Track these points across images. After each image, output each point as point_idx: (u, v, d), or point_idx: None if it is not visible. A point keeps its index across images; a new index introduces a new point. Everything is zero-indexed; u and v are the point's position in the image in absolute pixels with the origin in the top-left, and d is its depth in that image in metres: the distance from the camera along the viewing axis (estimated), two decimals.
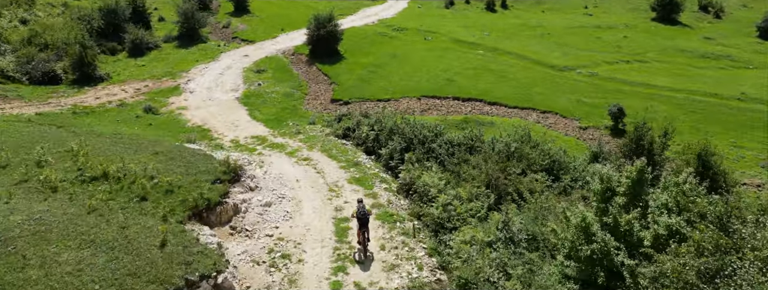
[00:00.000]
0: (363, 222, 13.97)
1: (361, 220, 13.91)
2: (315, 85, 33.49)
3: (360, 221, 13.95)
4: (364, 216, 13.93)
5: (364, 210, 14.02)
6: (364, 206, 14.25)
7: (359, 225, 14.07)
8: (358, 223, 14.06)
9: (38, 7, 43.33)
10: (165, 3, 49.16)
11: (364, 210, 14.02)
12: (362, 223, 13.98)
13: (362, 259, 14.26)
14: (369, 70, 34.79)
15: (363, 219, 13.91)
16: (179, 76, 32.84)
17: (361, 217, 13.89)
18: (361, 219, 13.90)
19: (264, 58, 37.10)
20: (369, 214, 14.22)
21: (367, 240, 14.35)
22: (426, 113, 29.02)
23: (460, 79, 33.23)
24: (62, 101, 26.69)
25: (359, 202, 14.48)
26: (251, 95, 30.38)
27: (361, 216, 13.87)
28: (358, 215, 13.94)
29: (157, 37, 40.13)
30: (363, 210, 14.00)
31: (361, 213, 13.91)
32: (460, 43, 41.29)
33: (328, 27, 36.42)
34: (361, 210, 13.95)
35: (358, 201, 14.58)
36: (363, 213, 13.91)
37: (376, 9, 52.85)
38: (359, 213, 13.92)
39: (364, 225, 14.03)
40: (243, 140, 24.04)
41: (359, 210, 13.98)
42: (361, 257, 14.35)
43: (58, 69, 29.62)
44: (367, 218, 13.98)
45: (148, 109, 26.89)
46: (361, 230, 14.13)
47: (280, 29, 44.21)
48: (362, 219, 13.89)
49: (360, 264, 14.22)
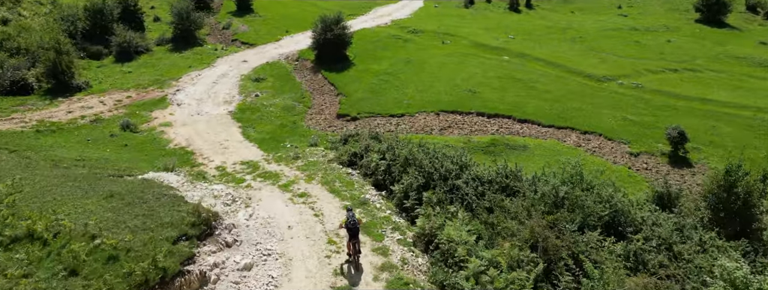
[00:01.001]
0: (354, 233, 13.32)
1: (352, 231, 13.29)
2: (319, 96, 29.66)
3: (350, 232, 13.31)
4: (355, 226, 13.29)
5: (354, 220, 13.34)
6: (353, 215, 13.52)
7: (350, 236, 13.40)
8: (349, 234, 13.41)
9: (24, 5, 40.21)
10: (163, 2, 45.76)
11: (354, 220, 13.34)
12: (353, 234, 13.33)
13: (353, 273, 13.43)
14: (381, 79, 30.88)
15: (353, 230, 13.28)
16: (168, 84, 29.27)
17: (352, 228, 13.25)
18: (351, 229, 13.27)
19: (264, 65, 33.38)
20: (359, 224, 13.60)
21: (358, 252, 13.65)
22: (446, 132, 25.06)
23: (484, 90, 29.17)
24: (28, 116, 23.24)
25: (349, 211, 13.74)
26: (246, 109, 26.67)
27: (352, 226, 13.25)
28: (348, 225, 13.29)
29: (150, 39, 36.65)
30: (353, 220, 13.32)
31: (351, 223, 13.26)
32: (482, 47, 37.17)
33: (335, 30, 32.56)
34: (351, 220, 13.30)
35: (348, 210, 13.81)
36: (353, 224, 13.27)
37: (389, 8, 48.86)
38: (349, 224, 13.27)
39: (354, 236, 13.37)
40: (231, 167, 20.31)
41: (349, 220, 13.33)
42: (352, 270, 13.52)
43: (31, 77, 26.20)
44: (357, 228, 13.36)
45: (126, 125, 23.32)
46: (352, 241, 13.48)
47: (284, 31, 40.48)
48: (353, 229, 13.26)
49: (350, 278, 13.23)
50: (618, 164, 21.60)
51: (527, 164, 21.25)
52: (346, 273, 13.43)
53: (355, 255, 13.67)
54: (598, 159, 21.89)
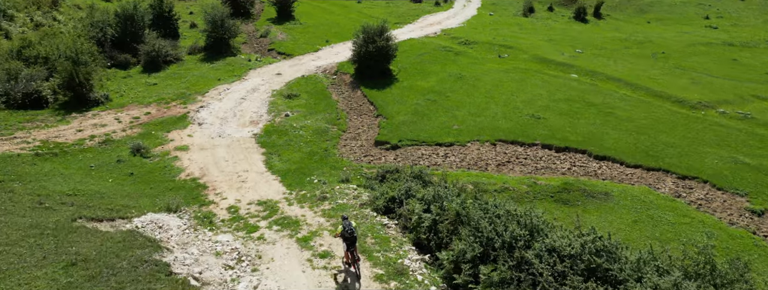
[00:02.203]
0: (351, 242, 12.89)
1: (349, 240, 12.87)
2: (357, 117, 26.04)
3: (348, 240, 12.89)
4: (352, 234, 12.87)
5: (351, 228, 12.91)
6: (350, 223, 13.06)
7: (347, 245, 12.93)
8: (346, 243, 12.96)
9: (62, 9, 39.17)
10: (204, 6, 43.86)
11: (351, 228, 12.91)
12: (351, 242, 12.88)
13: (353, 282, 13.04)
14: (427, 99, 26.94)
15: (351, 239, 12.87)
16: (192, 99, 26.55)
17: (349, 236, 12.85)
18: (349, 238, 12.86)
19: (299, 79, 30.19)
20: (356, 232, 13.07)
21: (357, 260, 13.14)
22: (504, 169, 20.76)
23: (550, 116, 24.64)
24: (33, 134, 20.92)
25: (344, 219, 13.27)
26: (274, 131, 23.42)
27: (349, 234, 12.85)
28: (346, 234, 12.87)
29: (182, 48, 34.40)
30: (350, 228, 12.89)
31: (348, 231, 12.86)
32: (546, 62, 32.49)
33: (378, 42, 28.95)
34: (349, 228, 12.89)
35: (344, 219, 13.31)
36: (351, 232, 12.86)
37: (439, 17, 44.87)
38: (347, 232, 12.88)
39: (352, 245, 12.90)
40: (245, 208, 16.95)
41: (346, 228, 12.92)
42: (348, 279, 13.12)
43: (46, 89, 24.09)
44: (355, 237, 12.97)
45: (137, 149, 20.54)
46: (349, 250, 13.00)
47: (324, 40, 37.34)
48: (350, 238, 12.86)
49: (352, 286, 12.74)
50: (736, 226, 16.59)
51: (611, 220, 16.70)
52: (346, 283, 12.85)
53: (354, 264, 13.13)
54: (706, 216, 16.95)
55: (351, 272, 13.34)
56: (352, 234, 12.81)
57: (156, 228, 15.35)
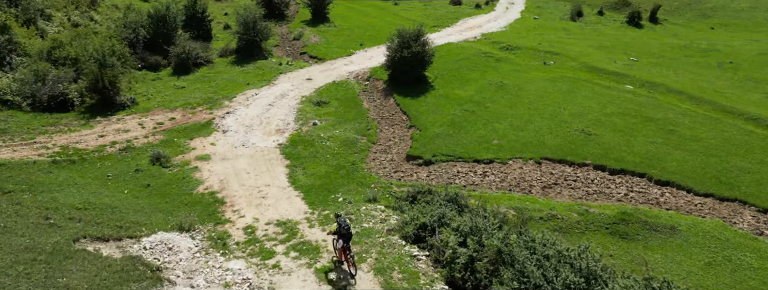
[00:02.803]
0: (348, 237, 12.78)
1: (346, 236, 12.73)
2: (388, 128, 24.36)
3: (344, 238, 12.73)
4: (349, 230, 12.77)
5: (347, 225, 12.77)
6: (346, 220, 12.95)
7: (343, 241, 12.77)
8: (341, 240, 12.79)
9: (101, 9, 39.32)
10: (238, 8, 43.31)
11: (347, 225, 12.77)
12: (346, 240, 12.76)
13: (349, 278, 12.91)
14: (465, 109, 24.97)
15: (348, 234, 12.76)
16: (219, 105, 25.56)
17: (346, 232, 12.71)
18: (344, 235, 12.72)
19: (330, 85, 28.80)
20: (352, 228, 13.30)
21: (353, 257, 13.01)
22: (551, 192, 18.59)
23: (602, 132, 22.24)
24: (54, 139, 20.30)
25: (338, 217, 13.19)
26: (300, 141, 22.03)
27: (346, 231, 12.70)
28: (342, 231, 12.70)
29: (214, 50, 33.70)
30: (347, 225, 12.76)
31: (345, 228, 12.71)
32: (597, 71, 29.88)
33: (414, 47, 27.19)
34: (345, 225, 12.72)
35: (337, 216, 13.22)
36: (347, 228, 12.73)
37: (479, 19, 42.65)
38: (343, 229, 12.71)
39: (347, 242, 12.77)
40: (262, 229, 15.54)
41: (342, 225, 12.75)
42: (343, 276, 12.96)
43: (73, 91, 23.59)
44: (351, 234, 12.87)
45: (157, 158, 19.56)
46: (345, 246, 12.82)
47: (358, 44, 35.89)
48: (347, 234, 12.74)
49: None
50: None
51: (680, 260, 14.35)
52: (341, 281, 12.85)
53: (348, 261, 13.04)
54: None
55: (343, 269, 13.32)
56: (348, 231, 12.80)
57: (165, 249, 14.14)
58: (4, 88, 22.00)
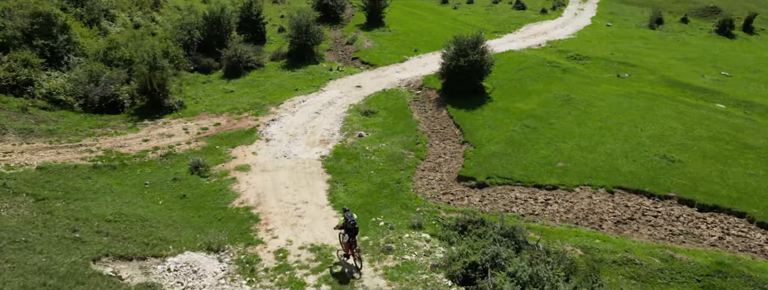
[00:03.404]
0: (353, 232, 12.92)
1: (352, 231, 12.88)
2: (439, 142, 22.49)
3: (350, 232, 12.90)
4: (354, 225, 12.91)
5: (353, 219, 12.94)
6: (352, 215, 13.06)
7: (349, 236, 12.93)
8: (348, 234, 12.94)
9: (163, 10, 40.14)
10: (292, 11, 42.95)
11: (353, 219, 12.94)
12: (352, 234, 12.92)
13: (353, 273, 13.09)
14: (526, 125, 22.64)
15: (353, 229, 12.89)
16: (265, 111, 24.74)
17: (352, 227, 12.86)
18: (350, 230, 12.86)
19: (379, 93, 27.32)
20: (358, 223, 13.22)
21: (359, 250, 13.27)
22: (626, 229, 16.03)
23: (689, 158, 19.27)
24: (100, 142, 20.11)
25: (346, 211, 13.19)
26: (344, 154, 20.66)
27: (352, 225, 12.85)
28: (349, 225, 12.86)
29: (266, 53, 33.22)
30: (353, 220, 12.92)
31: (351, 223, 12.86)
32: (680, 87, 26.49)
33: (471, 55, 25.15)
34: (351, 220, 12.89)
35: (345, 211, 13.21)
36: (353, 223, 12.88)
37: (545, 26, 39.72)
38: (350, 223, 12.87)
39: (353, 236, 12.94)
40: (295, 254, 14.23)
41: (349, 219, 12.90)
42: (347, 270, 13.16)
43: (124, 93, 23.56)
44: (357, 228, 13.00)
45: (196, 166, 18.84)
46: (351, 240, 12.96)
47: (412, 50, 34.23)
48: (353, 229, 12.88)
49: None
50: None
51: None
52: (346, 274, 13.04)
53: (354, 255, 13.21)
54: None
55: (349, 263, 13.47)
56: (354, 226, 12.96)
57: (190, 272, 13.13)
58: (58, 87, 22.22)
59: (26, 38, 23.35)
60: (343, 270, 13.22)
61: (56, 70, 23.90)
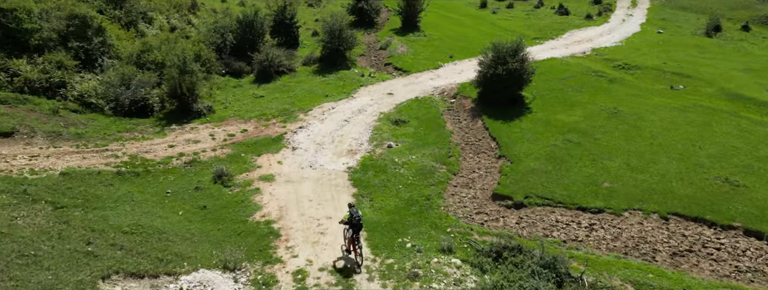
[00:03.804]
0: (357, 229, 13.22)
1: (356, 226, 13.17)
2: (473, 156, 21.16)
3: (354, 228, 13.18)
4: (359, 221, 13.20)
5: (359, 216, 13.21)
6: (357, 211, 13.39)
7: (353, 231, 13.22)
8: (352, 230, 13.23)
9: (200, 12, 40.39)
10: (326, 15, 42.46)
11: (359, 216, 13.21)
12: (356, 230, 13.21)
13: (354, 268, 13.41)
14: (568, 140, 21.03)
15: (358, 225, 13.18)
16: (293, 117, 24.06)
17: (357, 223, 13.15)
18: (356, 224, 13.14)
19: (411, 101, 26.20)
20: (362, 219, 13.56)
21: (360, 247, 13.51)
22: (683, 261, 14.34)
23: (754, 182, 17.29)
24: (126, 147, 19.84)
25: (351, 207, 13.57)
26: (371, 166, 19.65)
27: (357, 221, 13.14)
28: (353, 221, 13.14)
29: (298, 57, 32.71)
30: (358, 216, 13.18)
31: (356, 219, 13.14)
32: (742, 101, 24.19)
33: (510, 63, 23.71)
34: (356, 216, 13.17)
35: (350, 206, 13.59)
36: (358, 218, 13.18)
37: (590, 32, 37.63)
38: (355, 219, 13.15)
39: (357, 232, 13.22)
40: (314, 277, 13.31)
41: (354, 215, 13.19)
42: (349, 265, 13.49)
43: (154, 96, 23.37)
44: (361, 224, 13.30)
45: (220, 175, 18.25)
46: (355, 236, 13.25)
47: (448, 56, 32.97)
48: (358, 224, 13.17)
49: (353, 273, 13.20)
50: None
51: None
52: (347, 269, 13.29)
53: (355, 251, 13.46)
54: None
55: (351, 258, 13.76)
56: (359, 221, 13.18)
57: None
58: (89, 90, 22.20)
59: (62, 40, 23.52)
60: (345, 265, 13.61)
61: (90, 72, 23.98)
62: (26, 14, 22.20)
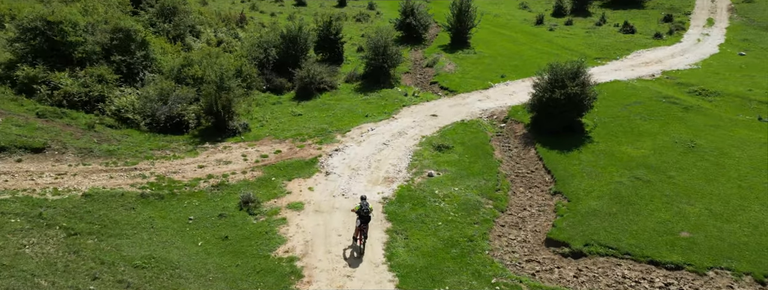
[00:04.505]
0: (365, 220, 14.12)
1: (364, 217, 14.10)
2: (524, 191, 18.91)
3: (362, 219, 14.10)
4: (367, 214, 14.08)
5: (367, 207, 14.15)
6: (367, 204, 14.29)
7: (361, 221, 14.15)
8: (360, 220, 14.18)
9: (249, 26, 40.41)
10: (371, 31, 41.39)
11: (367, 207, 14.15)
12: (364, 220, 14.13)
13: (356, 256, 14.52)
14: (636, 177, 18.39)
15: (365, 217, 14.09)
16: (330, 139, 22.72)
17: (365, 215, 14.07)
18: (363, 216, 14.07)
19: (457, 124, 24.24)
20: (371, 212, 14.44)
21: (366, 238, 14.52)
22: None
23: None
24: (155, 166, 19.11)
25: (363, 199, 14.42)
26: (408, 197, 17.86)
27: (365, 213, 14.06)
28: (362, 212, 14.08)
29: (341, 74, 31.62)
30: (366, 207, 14.14)
31: (364, 210, 14.06)
32: None
33: (569, 87, 21.35)
34: (365, 208, 14.11)
35: (362, 199, 14.48)
36: (366, 212, 14.07)
37: (659, 53, 34.27)
38: (363, 211, 14.07)
39: (365, 222, 14.18)
40: None
41: (363, 207, 14.11)
42: (355, 253, 14.62)
43: (190, 112, 22.74)
44: (369, 216, 14.16)
45: (246, 201, 17.06)
46: (361, 227, 14.20)
47: (499, 75, 30.78)
48: (365, 216, 14.08)
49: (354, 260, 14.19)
50: None
51: None
52: (352, 257, 14.41)
53: (361, 240, 14.45)
54: None
55: (356, 246, 14.84)
56: (367, 214, 14.04)
57: None
58: (127, 105, 21.83)
59: (105, 53, 23.47)
60: (352, 253, 14.76)
61: (130, 86, 23.76)
62: (72, 27, 22.26)
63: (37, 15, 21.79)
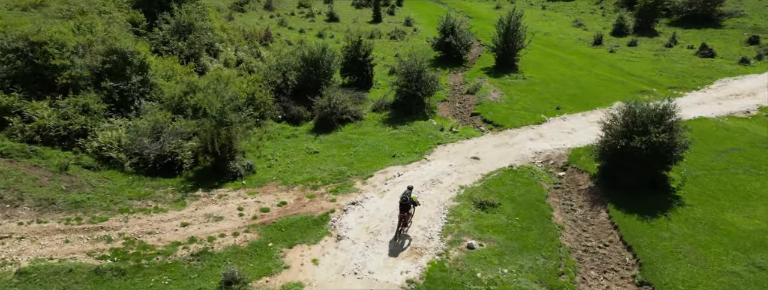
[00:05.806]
0: (404, 208, 14.71)
1: (403, 206, 14.69)
2: (597, 278, 14.14)
3: (401, 207, 14.75)
4: (405, 202, 14.61)
5: (406, 199, 14.59)
6: (409, 193, 14.80)
7: (400, 209, 14.85)
8: (399, 208, 14.87)
9: (274, 45, 37.29)
10: (405, 52, 37.41)
11: (406, 199, 14.59)
12: (403, 208, 14.74)
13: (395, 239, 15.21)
14: (756, 265, 13.33)
15: (404, 205, 14.66)
16: (348, 186, 18.67)
17: (403, 203, 14.65)
18: (402, 204, 14.67)
19: (504, 171, 19.67)
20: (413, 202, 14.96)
21: (405, 226, 15.37)
22: None
23: None
24: (129, 223, 15.55)
25: (409, 189, 15.00)
26: (441, 281, 13.50)
27: (403, 201, 14.66)
28: (401, 201, 14.74)
29: (369, 101, 27.71)
30: (406, 199, 14.60)
31: (403, 200, 14.65)
32: None
33: (653, 133, 16.50)
34: (403, 198, 14.64)
35: (409, 189, 15.01)
36: (405, 199, 14.62)
37: (750, 83, 28.49)
38: (402, 199, 14.69)
39: (404, 210, 14.77)
40: None
41: (403, 196, 14.69)
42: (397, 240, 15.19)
43: (186, 150, 19.24)
44: (407, 204, 14.66)
45: (229, 282, 13.19)
46: (402, 214, 14.90)
47: (553, 107, 26.00)
48: (404, 204, 14.65)
49: None
50: None
51: None
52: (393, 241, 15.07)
53: (398, 227, 15.20)
54: None
55: (396, 231, 15.31)
56: (405, 202, 14.62)
57: None
58: (111, 141, 18.54)
59: (96, 78, 20.43)
60: (394, 237, 15.20)
61: (123, 116, 20.58)
62: (58, 48, 19.32)
63: (18, 34, 18.99)
